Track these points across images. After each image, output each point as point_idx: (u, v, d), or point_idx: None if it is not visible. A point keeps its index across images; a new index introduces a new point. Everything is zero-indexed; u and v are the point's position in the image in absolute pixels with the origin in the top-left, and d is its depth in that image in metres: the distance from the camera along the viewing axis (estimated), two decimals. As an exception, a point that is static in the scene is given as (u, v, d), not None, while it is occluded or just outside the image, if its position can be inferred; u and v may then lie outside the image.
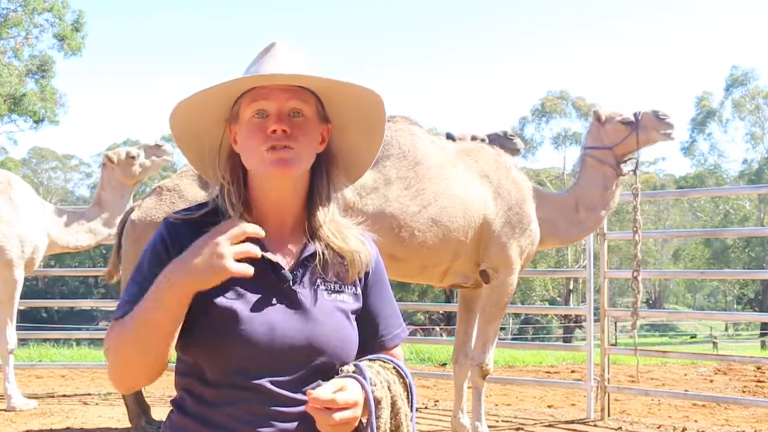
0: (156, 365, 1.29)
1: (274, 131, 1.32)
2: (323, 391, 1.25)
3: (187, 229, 1.37)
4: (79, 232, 5.80)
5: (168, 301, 1.23)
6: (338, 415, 1.23)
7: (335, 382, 1.28)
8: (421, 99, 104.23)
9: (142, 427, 4.65)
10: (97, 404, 5.93)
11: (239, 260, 1.23)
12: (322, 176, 1.43)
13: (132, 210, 4.69)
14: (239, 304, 1.31)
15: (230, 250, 1.21)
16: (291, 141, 1.33)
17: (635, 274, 5.01)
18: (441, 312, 29.66)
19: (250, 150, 1.35)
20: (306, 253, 1.39)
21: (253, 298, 1.33)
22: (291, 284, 1.36)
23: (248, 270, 1.22)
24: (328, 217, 1.42)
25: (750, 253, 38.24)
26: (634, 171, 4.77)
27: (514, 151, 5.05)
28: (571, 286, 33.26)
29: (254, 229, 1.25)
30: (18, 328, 6.03)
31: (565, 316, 32.81)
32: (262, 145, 1.33)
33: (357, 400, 1.26)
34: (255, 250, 1.23)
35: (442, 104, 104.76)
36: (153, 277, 1.29)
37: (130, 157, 5.62)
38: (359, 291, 1.45)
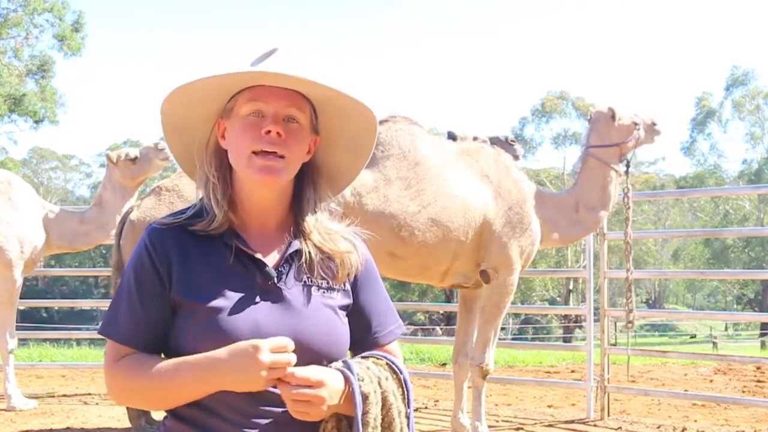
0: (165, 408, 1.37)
1: (269, 132, 1.32)
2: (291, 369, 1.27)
3: (171, 235, 1.37)
4: (78, 232, 5.79)
5: (198, 392, 1.29)
6: (295, 390, 1.24)
7: (311, 366, 1.29)
8: (421, 99, 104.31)
9: (142, 428, 4.64)
10: (97, 404, 5.93)
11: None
12: (310, 184, 1.44)
13: (131, 210, 4.69)
14: (224, 303, 1.32)
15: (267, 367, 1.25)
16: (283, 146, 1.33)
17: (628, 273, 5.16)
18: (441, 312, 29.65)
19: (240, 147, 1.35)
20: (290, 251, 1.40)
21: (237, 296, 1.33)
22: (276, 281, 1.36)
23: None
24: (317, 223, 1.43)
25: (750, 253, 38.24)
26: (626, 171, 4.82)
27: (513, 157, 5.07)
28: (571, 286, 33.24)
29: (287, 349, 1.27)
30: (18, 328, 6.04)
31: (565, 316, 32.80)
32: (253, 144, 1.33)
33: (321, 379, 1.26)
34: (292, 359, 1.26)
35: (442, 104, 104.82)
36: (144, 297, 1.33)
37: (130, 159, 5.61)
38: (348, 287, 1.44)
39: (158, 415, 4.78)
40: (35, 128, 23.65)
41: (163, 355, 1.37)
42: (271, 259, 1.39)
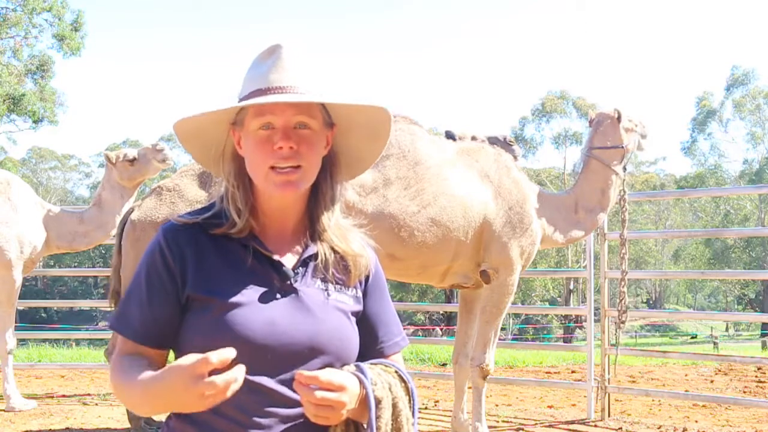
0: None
1: (281, 148, 1.32)
2: (313, 371, 1.24)
3: (187, 234, 1.37)
4: (77, 232, 5.77)
5: (162, 409, 1.28)
6: (320, 393, 1.22)
7: (330, 370, 1.28)
8: (422, 99, 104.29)
9: (141, 428, 4.63)
10: (96, 405, 5.91)
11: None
12: (327, 178, 1.43)
13: (132, 210, 4.67)
14: (240, 299, 1.31)
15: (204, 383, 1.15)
16: (298, 157, 1.33)
17: (623, 274, 5.25)
18: (441, 312, 29.68)
19: (256, 164, 1.35)
20: (308, 253, 1.39)
21: (254, 295, 1.33)
22: (292, 282, 1.36)
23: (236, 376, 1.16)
24: (332, 221, 1.42)
25: (750, 253, 38.27)
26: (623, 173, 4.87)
27: (512, 158, 5.08)
28: (571, 286, 33.25)
29: (219, 359, 1.15)
30: (17, 329, 6.02)
31: (566, 317, 32.83)
32: (268, 160, 1.33)
33: (343, 384, 1.24)
34: (239, 376, 1.16)
35: (442, 104, 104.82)
36: (154, 295, 1.33)
37: (127, 160, 5.59)
38: (359, 294, 1.44)
39: (158, 416, 4.77)
40: (34, 128, 23.68)
41: (172, 351, 1.37)
42: (288, 261, 1.39)
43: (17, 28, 22.34)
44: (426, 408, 5.83)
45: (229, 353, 1.15)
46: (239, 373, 1.15)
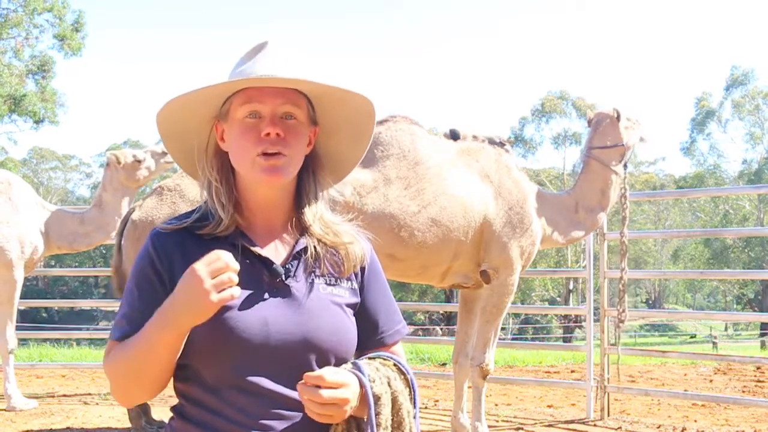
0: (155, 386, 1.32)
1: (268, 134, 1.33)
2: (316, 371, 1.26)
3: (174, 239, 1.37)
4: (78, 233, 5.79)
5: (164, 340, 1.25)
6: (326, 392, 1.22)
7: (332, 369, 1.28)
8: (422, 99, 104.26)
9: (142, 428, 4.65)
10: (97, 404, 5.93)
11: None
12: (309, 177, 1.45)
13: (133, 210, 4.68)
14: (232, 301, 1.31)
15: (211, 283, 1.20)
16: (283, 146, 1.34)
17: (623, 273, 5.24)
18: (441, 312, 29.67)
19: (242, 151, 1.35)
20: (298, 248, 1.40)
21: (246, 294, 1.32)
22: (284, 279, 1.36)
23: (234, 292, 1.22)
24: (317, 215, 1.43)
25: (750, 253, 38.22)
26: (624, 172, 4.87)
27: None
28: (571, 286, 33.24)
29: (234, 266, 1.22)
30: (18, 328, 6.03)
31: (565, 316, 32.81)
32: (255, 147, 1.33)
33: (346, 382, 1.26)
34: (234, 278, 1.22)
35: (442, 104, 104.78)
36: (143, 298, 1.32)
37: (137, 161, 5.60)
38: (356, 286, 1.45)
39: (158, 415, 4.78)
40: (35, 128, 23.68)
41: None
42: (278, 257, 1.39)
43: (18, 28, 22.34)
44: (426, 408, 5.85)
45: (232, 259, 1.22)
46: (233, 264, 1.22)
